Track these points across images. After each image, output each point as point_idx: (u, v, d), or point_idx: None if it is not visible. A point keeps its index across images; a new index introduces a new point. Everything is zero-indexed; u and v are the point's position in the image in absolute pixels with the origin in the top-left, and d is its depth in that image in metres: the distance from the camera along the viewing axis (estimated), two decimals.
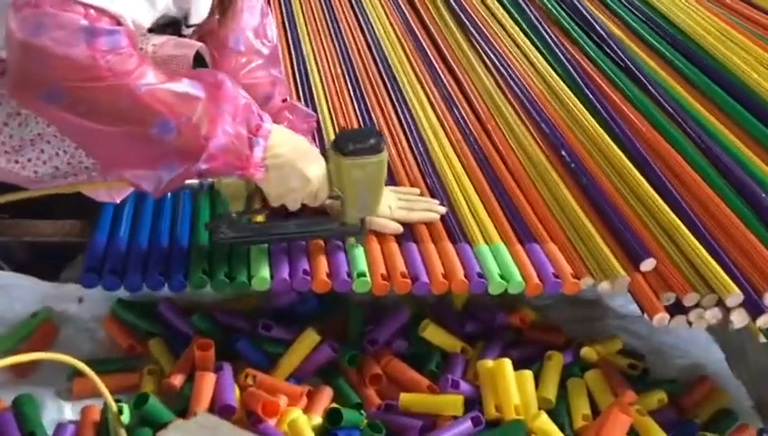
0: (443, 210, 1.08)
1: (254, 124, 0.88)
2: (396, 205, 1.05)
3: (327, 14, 1.66)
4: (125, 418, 0.90)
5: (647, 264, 0.98)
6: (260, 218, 1.00)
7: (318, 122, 1.22)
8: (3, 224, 1.04)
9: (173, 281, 0.95)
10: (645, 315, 0.96)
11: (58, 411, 0.96)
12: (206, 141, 0.84)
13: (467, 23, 1.60)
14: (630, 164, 1.15)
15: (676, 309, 0.95)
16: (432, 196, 1.11)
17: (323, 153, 0.98)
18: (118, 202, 1.04)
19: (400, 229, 1.04)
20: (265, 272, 0.96)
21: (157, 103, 0.82)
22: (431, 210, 1.07)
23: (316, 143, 1.18)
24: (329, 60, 1.49)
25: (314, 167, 0.94)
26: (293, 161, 0.91)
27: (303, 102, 1.33)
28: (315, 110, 1.29)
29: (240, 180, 0.93)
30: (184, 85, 0.84)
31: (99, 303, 1.07)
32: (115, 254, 0.98)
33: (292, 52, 1.50)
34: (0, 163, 0.96)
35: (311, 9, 1.68)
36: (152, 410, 0.90)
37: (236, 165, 0.87)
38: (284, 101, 1.10)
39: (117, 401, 0.92)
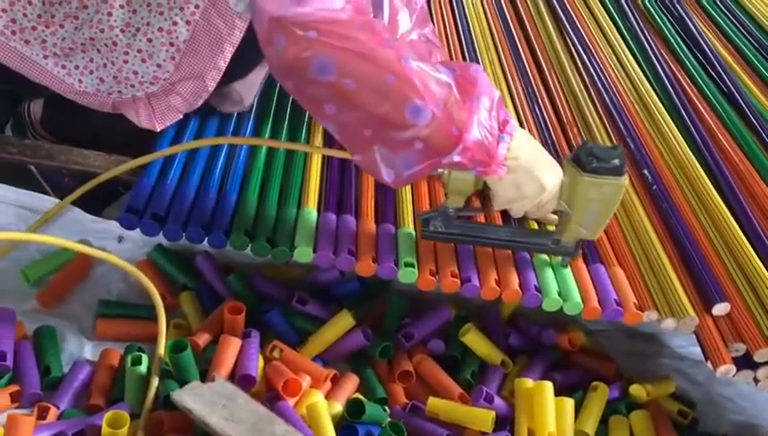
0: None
1: (503, 119, 0.83)
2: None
3: None
4: (143, 368, 0.87)
5: (720, 309, 0.90)
6: (473, 218, 0.97)
7: None
8: (53, 149, 1.01)
9: (214, 236, 0.92)
10: (709, 363, 0.89)
11: (78, 348, 0.93)
12: (459, 132, 0.79)
13: (563, 18, 1.51)
14: (718, 197, 1.06)
15: (744, 362, 0.88)
16: None
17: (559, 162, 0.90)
18: (159, 129, 1.00)
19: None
20: (309, 244, 0.91)
21: (417, 80, 0.77)
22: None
23: None
24: None
25: (551, 176, 0.87)
26: (531, 166, 0.85)
27: None
28: None
29: (471, 176, 0.87)
30: (439, 69, 0.80)
31: (138, 246, 1.04)
32: (160, 200, 0.95)
33: None
34: (48, 65, 0.93)
35: None
36: (185, 360, 0.86)
37: (481, 161, 0.82)
38: None
39: (139, 349, 0.90)
